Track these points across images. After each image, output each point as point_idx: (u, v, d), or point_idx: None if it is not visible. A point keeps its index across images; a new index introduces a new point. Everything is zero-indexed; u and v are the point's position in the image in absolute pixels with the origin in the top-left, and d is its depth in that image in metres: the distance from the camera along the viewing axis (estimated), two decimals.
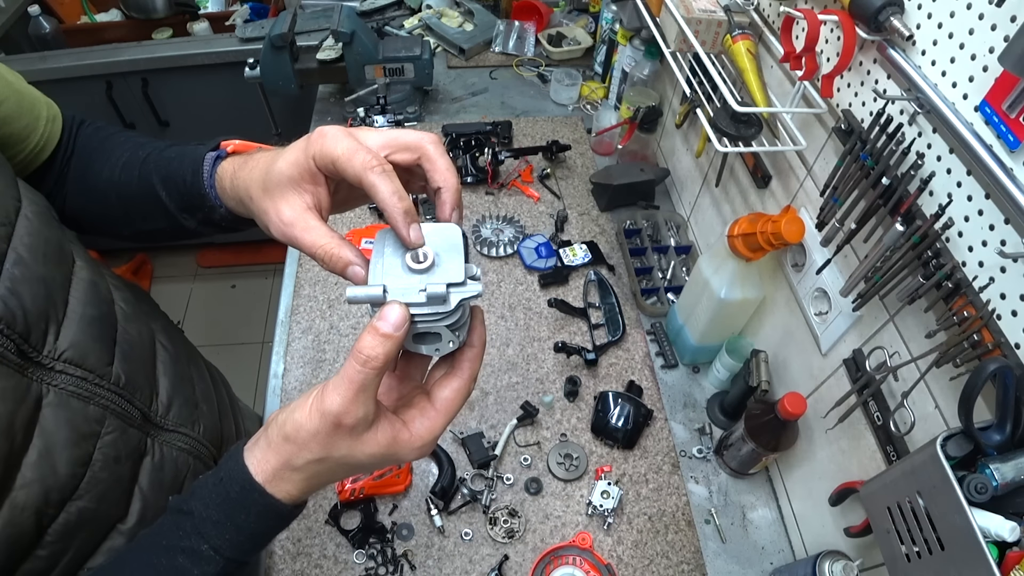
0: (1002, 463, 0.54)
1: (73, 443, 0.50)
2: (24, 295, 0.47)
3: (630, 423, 1.04)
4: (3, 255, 0.47)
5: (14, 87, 0.57)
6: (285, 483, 0.41)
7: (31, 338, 0.48)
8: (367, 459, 0.41)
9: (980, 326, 0.60)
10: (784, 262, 0.99)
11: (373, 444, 0.41)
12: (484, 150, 1.43)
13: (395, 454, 0.42)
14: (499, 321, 1.21)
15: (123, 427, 0.56)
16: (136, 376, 0.59)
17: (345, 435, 0.40)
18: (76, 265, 0.56)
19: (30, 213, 0.51)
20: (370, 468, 0.44)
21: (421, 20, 1.89)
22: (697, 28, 0.96)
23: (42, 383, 0.48)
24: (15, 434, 0.45)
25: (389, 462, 0.43)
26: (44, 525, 0.48)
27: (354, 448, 0.40)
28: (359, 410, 0.39)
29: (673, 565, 0.94)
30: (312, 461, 0.41)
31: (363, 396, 0.38)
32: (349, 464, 0.42)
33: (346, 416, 0.38)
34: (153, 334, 0.67)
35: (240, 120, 2.04)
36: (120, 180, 0.59)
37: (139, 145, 0.61)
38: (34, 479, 0.46)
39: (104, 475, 0.53)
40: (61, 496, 0.49)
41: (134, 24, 2.15)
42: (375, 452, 0.41)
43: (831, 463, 0.89)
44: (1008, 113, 0.55)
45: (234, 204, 0.52)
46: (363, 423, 0.39)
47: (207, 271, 2.64)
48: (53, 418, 0.48)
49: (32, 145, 0.59)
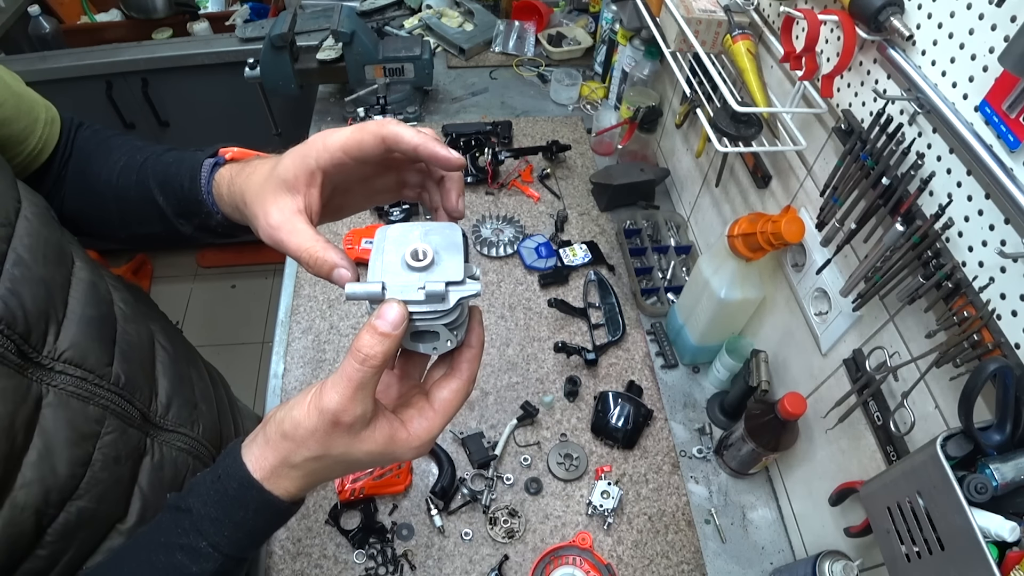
0: (1002, 463, 0.54)
1: (73, 443, 0.50)
2: (24, 295, 0.47)
3: (630, 423, 1.04)
4: (3, 256, 0.47)
5: (13, 89, 0.57)
6: (283, 480, 0.41)
7: (31, 338, 0.48)
8: (365, 457, 0.41)
9: (980, 326, 0.60)
10: (784, 262, 0.99)
11: (371, 442, 0.41)
12: (484, 150, 1.43)
13: (392, 453, 0.42)
14: (499, 321, 1.21)
15: (123, 427, 0.56)
16: (135, 376, 0.59)
17: (343, 433, 0.40)
18: (76, 266, 0.56)
19: (30, 214, 0.51)
20: (368, 466, 0.44)
21: (421, 20, 1.89)
22: (697, 28, 0.96)
23: (42, 383, 0.48)
24: (16, 434, 0.45)
25: (387, 461, 0.43)
26: (44, 525, 0.48)
27: (352, 446, 0.40)
28: (357, 408, 0.39)
29: (673, 565, 0.94)
30: (310, 459, 0.41)
31: (361, 394, 0.39)
32: (347, 462, 0.42)
33: (344, 414, 0.39)
34: (152, 335, 0.67)
35: (240, 120, 2.04)
36: (117, 184, 0.59)
37: (137, 149, 0.61)
38: (34, 479, 0.46)
39: (104, 475, 0.53)
40: (61, 496, 0.49)
41: (134, 24, 2.15)
42: (372, 450, 0.41)
43: (831, 463, 0.89)
44: (1008, 113, 0.55)
45: (230, 210, 0.52)
46: (361, 421, 0.40)
47: (207, 271, 2.64)
48: (53, 418, 0.48)
49: (31, 147, 0.59)
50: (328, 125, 1.61)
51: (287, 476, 0.42)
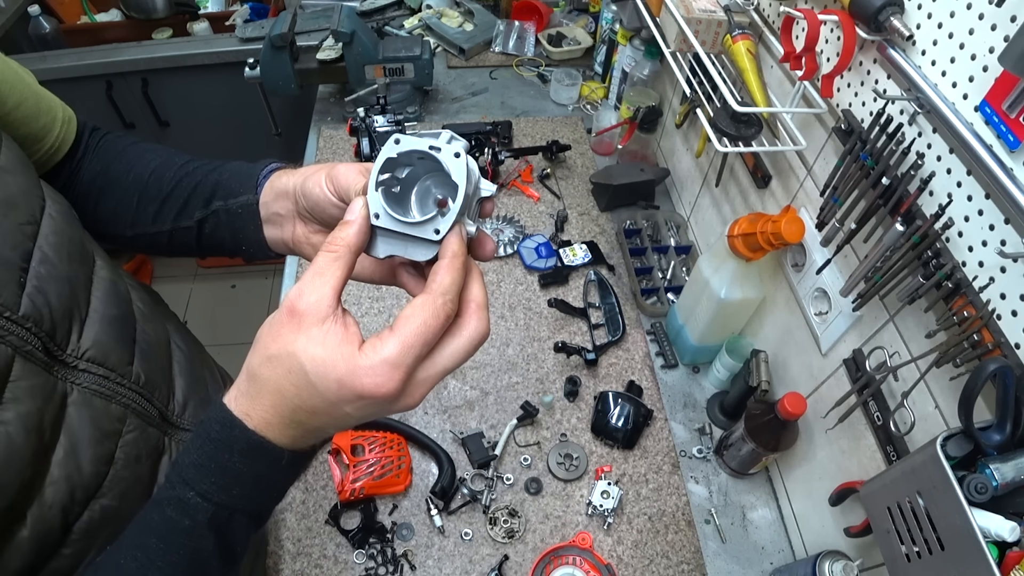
0: (1002, 463, 0.54)
1: (97, 441, 0.50)
2: (50, 293, 0.48)
3: (630, 423, 1.04)
4: (29, 253, 0.47)
5: (32, 88, 0.58)
6: (258, 408, 0.38)
7: (56, 336, 0.48)
8: (315, 365, 0.37)
9: (980, 326, 0.60)
10: (784, 262, 0.99)
11: (319, 345, 0.37)
12: (484, 150, 1.43)
13: (348, 373, 0.37)
14: (499, 321, 1.21)
15: (143, 426, 0.56)
16: (154, 375, 0.59)
17: (296, 324, 0.37)
18: (96, 264, 0.57)
19: (54, 212, 0.52)
20: (325, 388, 0.37)
21: (421, 20, 1.89)
22: (697, 28, 0.96)
23: (67, 381, 0.49)
24: (44, 431, 0.45)
25: (347, 392, 0.37)
26: (70, 523, 0.48)
27: (300, 343, 0.37)
28: (312, 295, 0.37)
29: (673, 565, 0.94)
30: (265, 362, 0.38)
31: (319, 280, 0.38)
32: (302, 373, 0.37)
33: (299, 300, 0.37)
34: (168, 334, 0.67)
35: (240, 120, 2.04)
36: (148, 180, 0.61)
37: (177, 154, 0.63)
38: (61, 476, 0.46)
39: (126, 473, 0.53)
40: (85, 494, 0.49)
41: (134, 24, 2.15)
42: (324, 356, 0.37)
43: (831, 463, 0.89)
44: (1008, 113, 0.55)
45: (271, 199, 0.54)
46: (314, 312, 0.37)
47: (207, 271, 2.64)
48: (77, 416, 0.49)
49: (48, 146, 0.59)
50: (328, 125, 1.61)
51: (259, 402, 0.38)
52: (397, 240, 0.40)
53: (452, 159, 0.39)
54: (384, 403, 0.38)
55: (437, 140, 0.39)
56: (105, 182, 0.62)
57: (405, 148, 0.39)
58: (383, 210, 0.39)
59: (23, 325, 0.45)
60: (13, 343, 0.44)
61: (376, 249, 0.41)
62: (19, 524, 0.43)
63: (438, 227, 0.39)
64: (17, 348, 0.44)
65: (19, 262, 0.46)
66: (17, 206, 0.48)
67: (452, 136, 0.40)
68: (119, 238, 0.64)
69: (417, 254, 0.41)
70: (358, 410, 0.38)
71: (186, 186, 0.60)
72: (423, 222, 0.39)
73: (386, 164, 0.40)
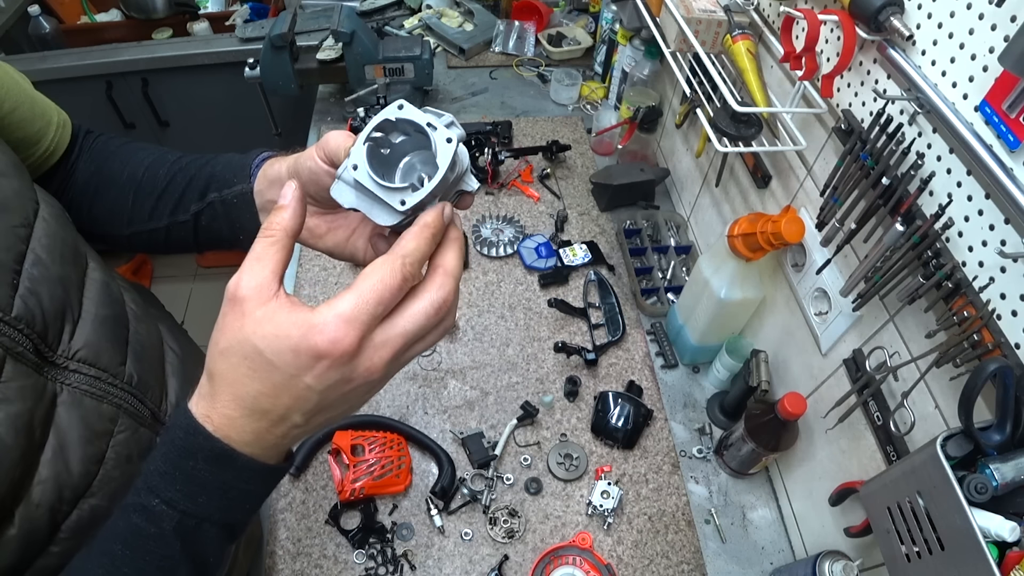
0: (1002, 463, 0.54)
1: (87, 441, 0.50)
2: (43, 295, 0.48)
3: (630, 423, 1.04)
4: (22, 255, 0.48)
5: (28, 93, 0.58)
6: (218, 406, 0.37)
7: (48, 337, 0.48)
8: (269, 342, 0.36)
9: (980, 326, 0.60)
10: (784, 262, 0.99)
11: (268, 322, 0.36)
12: (484, 150, 1.43)
13: (301, 341, 0.35)
14: (499, 321, 1.21)
15: (135, 426, 0.56)
16: (147, 376, 0.60)
17: (240, 312, 0.36)
18: (89, 266, 0.57)
19: (47, 215, 0.52)
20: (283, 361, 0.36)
21: (421, 20, 1.89)
22: (697, 28, 0.96)
23: (56, 382, 0.49)
24: (34, 431, 0.45)
25: (304, 358, 0.36)
26: (58, 522, 0.48)
27: (248, 328, 0.36)
28: (251, 280, 0.37)
29: (673, 565, 0.94)
30: (219, 357, 0.37)
31: (257, 266, 0.37)
32: (257, 353, 0.36)
33: (238, 287, 0.37)
34: (161, 335, 0.68)
35: (240, 120, 2.04)
36: (143, 177, 0.62)
37: (168, 151, 0.64)
38: (49, 476, 0.46)
39: (116, 473, 0.53)
40: (74, 494, 0.49)
41: (134, 24, 2.15)
42: (274, 331, 0.36)
43: (831, 463, 0.89)
44: (1008, 113, 0.55)
45: (265, 187, 0.55)
46: (255, 296, 0.36)
47: (207, 271, 2.64)
48: (67, 416, 0.49)
49: (43, 150, 0.60)
50: (328, 125, 1.61)
51: (219, 399, 0.37)
52: (365, 197, 0.40)
53: (443, 142, 0.39)
54: (342, 365, 0.36)
55: (438, 120, 0.40)
56: (100, 182, 0.63)
57: (404, 116, 0.40)
58: (364, 164, 0.39)
59: (15, 327, 0.45)
60: (5, 344, 0.44)
61: (343, 198, 0.41)
62: (7, 523, 0.43)
63: (404, 199, 0.39)
64: (8, 349, 0.44)
65: (12, 264, 0.46)
66: (10, 209, 0.48)
67: (453, 122, 0.40)
68: (116, 237, 0.64)
69: (379, 217, 0.40)
70: (319, 379, 0.36)
71: (180, 181, 0.60)
72: (393, 189, 0.39)
73: (383, 124, 0.40)
